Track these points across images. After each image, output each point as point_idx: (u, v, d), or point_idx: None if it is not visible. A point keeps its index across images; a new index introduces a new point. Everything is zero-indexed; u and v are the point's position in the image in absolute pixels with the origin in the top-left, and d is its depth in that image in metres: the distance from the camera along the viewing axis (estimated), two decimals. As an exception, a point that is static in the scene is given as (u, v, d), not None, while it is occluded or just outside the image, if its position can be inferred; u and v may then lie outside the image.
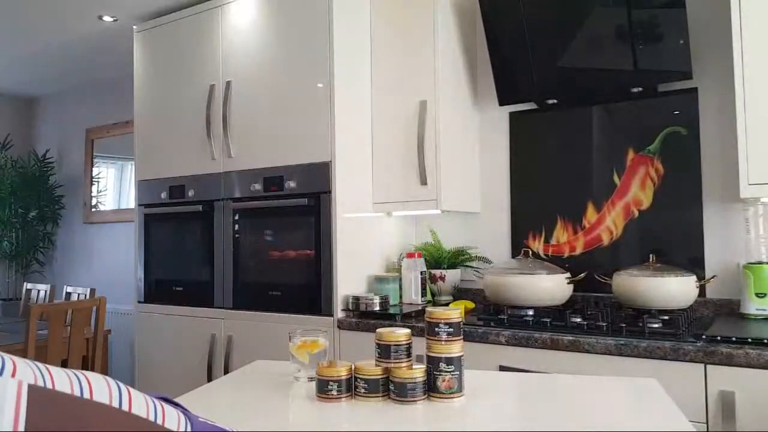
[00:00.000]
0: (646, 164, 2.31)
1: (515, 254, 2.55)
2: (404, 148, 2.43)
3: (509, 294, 2.11)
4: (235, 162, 2.62)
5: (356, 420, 1.10)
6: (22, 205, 4.58)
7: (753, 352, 1.55)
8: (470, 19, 2.65)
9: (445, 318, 1.15)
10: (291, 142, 2.45)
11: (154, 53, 2.97)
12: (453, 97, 2.49)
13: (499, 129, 2.65)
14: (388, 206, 2.49)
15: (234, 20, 2.66)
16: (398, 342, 1.16)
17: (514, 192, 2.60)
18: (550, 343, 1.83)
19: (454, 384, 1.13)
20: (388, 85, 2.50)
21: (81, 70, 4.22)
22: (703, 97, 2.22)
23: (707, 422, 1.61)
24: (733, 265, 2.13)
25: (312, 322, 2.30)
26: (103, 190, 4.52)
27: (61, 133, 4.85)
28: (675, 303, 1.95)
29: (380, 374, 1.15)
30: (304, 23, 2.45)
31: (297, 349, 1.30)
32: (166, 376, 2.80)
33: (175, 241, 2.83)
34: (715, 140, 2.19)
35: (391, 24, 2.51)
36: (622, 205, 2.35)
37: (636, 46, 2.11)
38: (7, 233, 4.58)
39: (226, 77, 2.67)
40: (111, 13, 3.16)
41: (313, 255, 2.36)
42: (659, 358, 1.67)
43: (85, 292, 3.62)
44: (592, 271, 2.27)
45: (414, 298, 2.43)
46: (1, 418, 0.48)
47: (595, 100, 2.41)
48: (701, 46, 2.20)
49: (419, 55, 2.41)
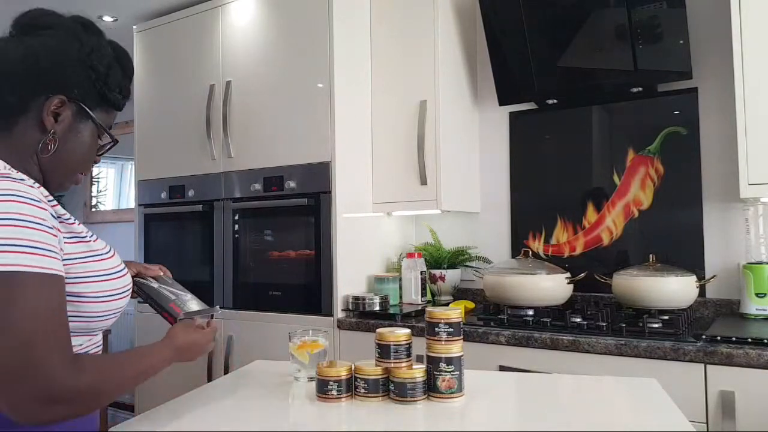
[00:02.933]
0: (646, 164, 2.31)
1: (515, 254, 2.55)
2: (404, 148, 2.43)
3: (509, 294, 2.11)
4: (235, 162, 2.62)
5: (356, 420, 1.10)
6: (22, 205, 4.59)
7: (753, 352, 1.55)
8: (470, 19, 2.65)
9: (445, 318, 1.15)
10: (291, 142, 2.45)
11: (154, 53, 2.96)
12: (453, 97, 2.49)
13: (499, 129, 2.64)
14: (388, 206, 2.49)
15: (234, 20, 2.66)
16: (398, 342, 1.16)
17: (514, 192, 2.60)
18: (550, 343, 1.83)
19: (454, 384, 1.13)
20: (388, 85, 2.50)
21: (81, 70, 4.22)
22: (703, 97, 2.22)
23: (707, 422, 1.61)
24: (733, 265, 2.13)
25: (312, 322, 2.30)
26: (103, 190, 4.52)
27: (61, 133, 4.86)
28: (675, 303, 1.95)
29: (380, 374, 1.15)
30: (304, 23, 2.44)
31: (297, 349, 1.30)
32: (166, 376, 2.79)
33: (175, 241, 2.83)
34: (715, 140, 2.19)
35: (391, 24, 2.51)
36: (622, 205, 2.34)
37: (636, 46, 2.11)
38: (7, 233, 4.59)
39: (226, 77, 2.66)
40: (111, 13, 3.16)
41: (313, 255, 2.36)
42: (659, 358, 1.67)
43: (85, 292, 3.62)
44: (592, 271, 2.27)
45: (414, 298, 2.43)
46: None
47: (595, 100, 2.40)
48: (701, 46, 2.20)
49: (419, 55, 2.41)
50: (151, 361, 0.98)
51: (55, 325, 0.81)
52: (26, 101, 0.93)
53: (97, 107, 0.99)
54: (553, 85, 2.35)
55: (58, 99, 0.94)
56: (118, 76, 1.02)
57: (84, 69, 0.96)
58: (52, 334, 0.80)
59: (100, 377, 0.85)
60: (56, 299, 0.82)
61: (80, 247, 0.92)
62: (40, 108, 0.93)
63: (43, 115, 0.93)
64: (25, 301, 0.78)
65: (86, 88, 0.97)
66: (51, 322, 0.80)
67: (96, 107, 0.99)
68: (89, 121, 0.98)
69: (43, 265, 0.81)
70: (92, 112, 0.98)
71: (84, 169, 1.02)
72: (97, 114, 0.99)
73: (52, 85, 0.94)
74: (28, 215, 0.81)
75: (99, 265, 0.94)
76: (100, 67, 0.98)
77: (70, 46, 0.95)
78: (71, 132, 0.97)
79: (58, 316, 0.82)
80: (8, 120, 0.93)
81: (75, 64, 0.95)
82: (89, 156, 1.01)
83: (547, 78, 2.33)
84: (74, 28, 0.99)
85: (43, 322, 0.79)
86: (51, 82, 0.94)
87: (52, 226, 0.85)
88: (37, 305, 0.79)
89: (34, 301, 0.79)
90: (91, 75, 0.97)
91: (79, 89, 0.96)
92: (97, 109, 0.99)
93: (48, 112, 0.93)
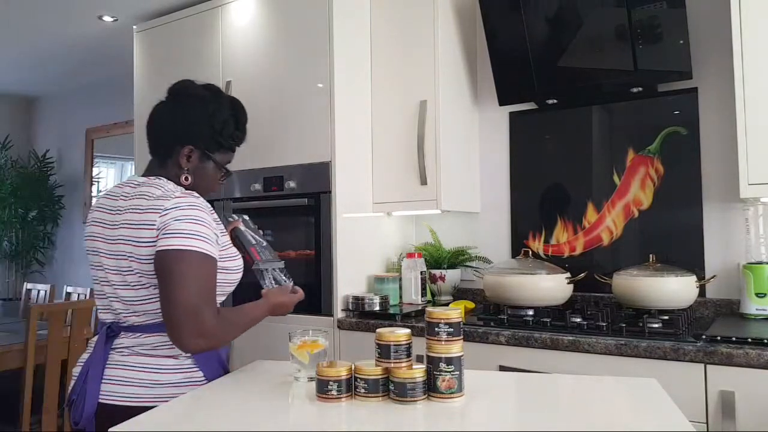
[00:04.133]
0: (646, 164, 2.31)
1: (515, 254, 2.55)
2: (404, 148, 2.43)
3: (509, 294, 2.11)
4: (235, 162, 2.62)
5: (356, 420, 1.10)
6: (22, 205, 4.58)
7: (753, 352, 1.55)
8: (470, 19, 2.65)
9: (445, 318, 1.15)
10: (291, 142, 2.45)
11: (154, 53, 2.97)
12: (453, 97, 2.49)
13: (499, 129, 2.64)
14: (388, 206, 2.49)
15: (234, 20, 2.66)
16: (398, 342, 1.16)
17: (514, 192, 2.60)
18: (550, 343, 1.83)
19: (454, 384, 1.13)
20: (388, 85, 2.50)
21: (81, 70, 4.22)
22: (703, 97, 2.22)
23: (707, 422, 1.61)
24: (733, 265, 2.13)
25: (312, 322, 2.29)
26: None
27: (61, 133, 4.85)
28: (675, 303, 1.95)
29: (380, 374, 1.15)
30: (304, 23, 2.45)
31: (297, 349, 1.30)
32: (166, 376, 2.80)
33: (175, 241, 2.83)
34: (715, 140, 2.19)
35: (391, 24, 2.51)
36: (622, 205, 2.35)
37: (636, 46, 2.11)
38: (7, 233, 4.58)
39: (226, 77, 2.67)
40: (111, 13, 3.16)
41: (313, 255, 2.36)
42: (659, 358, 1.67)
43: (85, 292, 3.61)
44: (592, 271, 2.27)
45: (414, 298, 2.43)
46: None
47: (595, 100, 2.41)
48: (701, 46, 2.20)
49: (419, 55, 2.41)
50: (255, 313, 1.37)
51: (209, 287, 1.23)
52: (171, 148, 1.38)
53: (216, 151, 1.42)
54: (553, 85, 2.35)
55: (188, 148, 1.38)
56: (231, 129, 1.42)
57: (207, 127, 1.38)
58: (206, 293, 1.21)
59: (229, 323, 1.28)
60: (211, 271, 1.24)
61: (224, 239, 1.34)
62: (178, 153, 1.37)
63: (180, 158, 1.38)
64: (193, 270, 1.20)
65: (207, 140, 1.39)
66: (207, 285, 1.22)
67: (215, 151, 1.42)
68: (210, 161, 1.41)
69: (204, 249, 1.23)
70: (213, 155, 1.41)
71: (212, 190, 1.46)
72: (217, 155, 1.42)
73: (185, 138, 1.37)
74: (203, 218, 1.26)
75: (231, 250, 1.37)
76: (216, 125, 1.39)
77: (199, 110, 1.38)
78: (198, 169, 1.40)
79: (211, 282, 1.24)
80: (164, 160, 1.40)
81: (201, 123, 1.38)
82: (213, 183, 1.45)
83: (547, 78, 2.33)
84: (204, 96, 1.40)
85: (203, 284, 1.21)
86: (184, 136, 1.37)
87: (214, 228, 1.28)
88: (200, 273, 1.21)
89: (197, 270, 1.21)
90: (211, 131, 1.39)
91: (202, 140, 1.39)
92: (216, 152, 1.42)
93: (182, 156, 1.37)
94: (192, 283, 1.18)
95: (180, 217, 1.23)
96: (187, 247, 1.20)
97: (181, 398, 1.22)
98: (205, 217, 1.26)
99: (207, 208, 1.29)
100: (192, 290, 1.18)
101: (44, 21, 3.28)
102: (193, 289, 1.18)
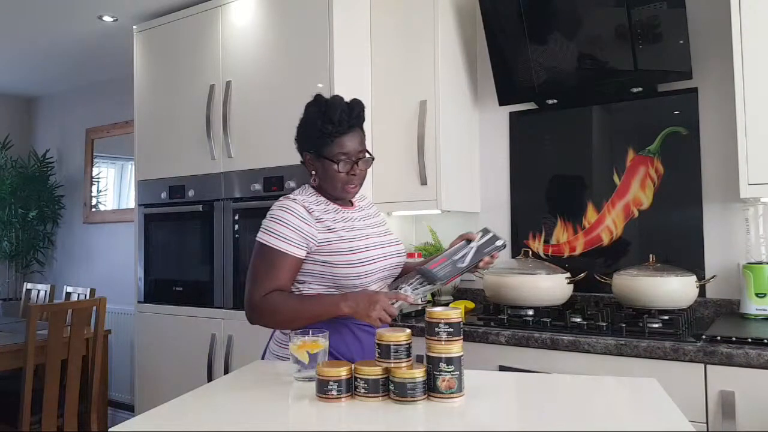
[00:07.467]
0: (646, 164, 2.31)
1: (515, 254, 2.55)
2: (404, 148, 2.43)
3: (509, 294, 2.11)
4: (235, 162, 2.62)
5: (356, 420, 1.10)
6: (22, 205, 4.57)
7: (753, 352, 1.55)
8: (470, 19, 2.64)
9: (445, 318, 1.15)
10: (291, 142, 2.42)
11: (154, 53, 2.97)
12: (453, 97, 2.49)
13: (499, 129, 2.64)
14: (389, 206, 2.49)
15: (234, 20, 2.66)
16: (398, 342, 1.16)
17: (514, 192, 2.60)
18: (550, 343, 1.83)
19: (454, 384, 1.13)
20: (388, 85, 2.50)
21: (81, 70, 4.22)
22: (703, 97, 2.22)
23: (707, 422, 1.61)
24: (733, 265, 2.13)
25: (312, 322, 2.29)
26: (103, 190, 4.52)
27: (61, 133, 4.85)
28: (675, 303, 1.95)
29: (380, 374, 1.15)
30: (304, 23, 2.45)
31: (297, 349, 1.30)
32: (166, 376, 2.80)
33: (175, 241, 2.83)
34: (715, 140, 2.19)
35: (391, 24, 2.51)
36: (622, 205, 2.35)
37: (636, 46, 2.11)
38: (7, 233, 4.58)
39: (226, 77, 2.67)
40: (111, 13, 3.16)
41: (313, 255, 2.36)
42: (659, 358, 1.67)
43: (85, 292, 3.61)
44: (592, 271, 2.27)
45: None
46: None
47: (595, 100, 2.40)
48: (701, 46, 2.20)
49: (419, 55, 2.41)
50: (314, 308, 1.45)
51: (264, 273, 1.45)
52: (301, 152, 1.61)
53: (323, 147, 1.53)
54: (553, 85, 2.35)
55: (305, 154, 1.58)
56: (319, 124, 1.53)
57: (302, 130, 1.59)
58: (260, 277, 1.45)
59: (273, 305, 1.44)
60: (275, 262, 1.45)
61: (330, 236, 1.49)
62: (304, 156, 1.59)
63: (306, 165, 1.60)
64: (263, 262, 1.46)
65: (309, 141, 1.57)
66: (267, 274, 1.45)
67: (322, 147, 1.53)
68: (321, 158, 1.54)
69: (271, 243, 1.45)
70: (323, 152, 1.53)
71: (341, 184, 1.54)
72: (328, 149, 1.52)
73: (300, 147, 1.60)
74: (284, 218, 1.47)
75: (342, 245, 1.49)
76: (309, 126, 1.56)
77: (301, 121, 1.60)
78: (319, 168, 1.55)
79: (272, 273, 1.45)
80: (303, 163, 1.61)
81: (300, 130, 1.60)
82: (336, 177, 1.53)
83: (547, 78, 2.33)
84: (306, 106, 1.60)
85: (261, 269, 1.46)
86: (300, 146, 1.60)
87: (297, 226, 1.46)
88: (261, 261, 1.46)
89: (260, 258, 1.47)
90: (306, 133, 1.57)
91: (307, 144, 1.57)
92: (324, 149, 1.52)
93: (306, 163, 1.59)
94: (253, 268, 1.47)
95: (268, 216, 1.51)
96: (259, 240, 1.48)
97: (181, 398, 1.22)
98: (286, 218, 1.47)
99: (297, 212, 1.48)
100: (251, 273, 1.47)
101: (44, 21, 3.28)
102: (252, 272, 1.47)
